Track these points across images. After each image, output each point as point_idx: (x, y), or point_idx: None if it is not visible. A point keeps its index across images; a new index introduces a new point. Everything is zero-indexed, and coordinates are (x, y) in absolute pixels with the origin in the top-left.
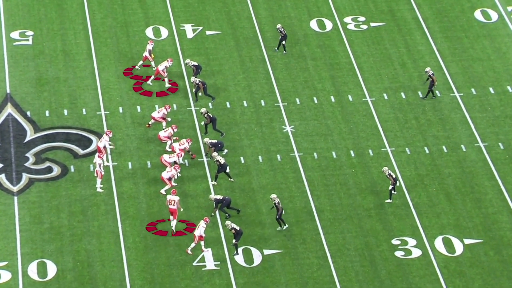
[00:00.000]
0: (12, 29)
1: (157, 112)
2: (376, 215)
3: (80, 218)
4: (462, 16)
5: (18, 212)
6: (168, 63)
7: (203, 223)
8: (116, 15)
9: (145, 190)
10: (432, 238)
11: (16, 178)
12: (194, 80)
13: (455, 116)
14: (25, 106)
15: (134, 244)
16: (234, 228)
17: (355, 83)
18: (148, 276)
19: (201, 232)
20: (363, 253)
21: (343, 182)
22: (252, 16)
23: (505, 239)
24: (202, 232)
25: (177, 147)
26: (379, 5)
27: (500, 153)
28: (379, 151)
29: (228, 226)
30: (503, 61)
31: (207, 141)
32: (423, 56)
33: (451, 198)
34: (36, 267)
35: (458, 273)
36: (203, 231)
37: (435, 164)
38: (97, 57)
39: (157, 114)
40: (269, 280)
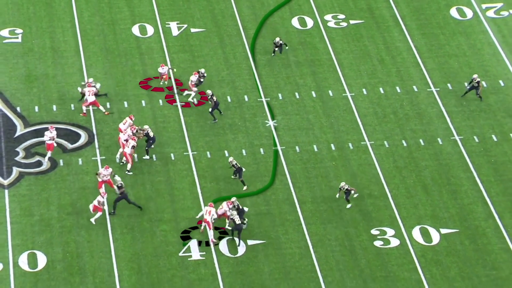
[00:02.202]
0: (2, 27)
1: (123, 123)
2: (356, 206)
3: (69, 211)
4: (438, 14)
5: (9, 205)
6: (194, 76)
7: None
8: (103, 13)
9: (132, 183)
10: (409, 228)
11: (7, 172)
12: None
13: (431, 111)
14: (15, 102)
15: (122, 235)
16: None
17: (335, 79)
18: (135, 266)
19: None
20: (344, 243)
21: (324, 174)
22: (235, 14)
23: (480, 228)
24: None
25: (122, 127)
26: (358, 3)
27: (475, 146)
28: (359, 145)
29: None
30: (478, 57)
31: (232, 160)
32: (401, 52)
33: (428, 190)
34: (26, 258)
35: (435, 261)
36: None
37: (412, 157)
38: (85, 54)
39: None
40: (253, 269)
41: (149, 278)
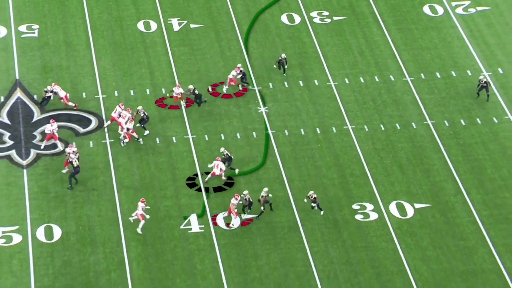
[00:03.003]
0: (20, 23)
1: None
2: (339, 184)
3: (81, 188)
4: (412, 11)
5: (27, 183)
6: (235, 71)
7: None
8: (111, 11)
9: (138, 164)
10: (387, 203)
11: (25, 153)
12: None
13: (406, 98)
14: (32, 90)
15: (129, 210)
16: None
17: (320, 70)
18: (141, 238)
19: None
20: (328, 217)
21: (310, 155)
22: (230, 11)
23: (450, 203)
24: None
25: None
26: (340, 1)
27: (445, 130)
28: (342, 129)
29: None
30: (448, 50)
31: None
32: (379, 45)
33: (403, 169)
34: (43, 230)
35: (409, 233)
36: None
37: (389, 140)
38: (95, 47)
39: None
40: (246, 240)
41: (154, 248)
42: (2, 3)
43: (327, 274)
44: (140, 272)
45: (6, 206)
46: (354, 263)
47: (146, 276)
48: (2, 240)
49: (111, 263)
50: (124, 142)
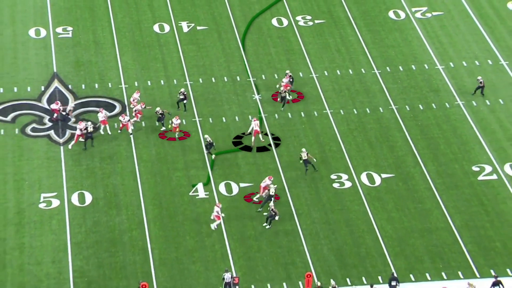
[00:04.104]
0: (57, 26)
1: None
2: (320, 158)
3: (108, 162)
4: (379, 15)
5: (64, 157)
6: (286, 79)
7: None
8: (132, 15)
9: (154, 141)
10: (359, 174)
11: (62, 133)
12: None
13: (375, 87)
14: (67, 81)
15: (147, 179)
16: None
17: (304, 64)
18: (157, 203)
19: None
20: (311, 185)
21: (296, 135)
22: (230, 16)
23: (410, 173)
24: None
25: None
26: (321, 7)
27: (406, 113)
28: (322, 112)
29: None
30: (409, 48)
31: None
32: (353, 44)
33: (372, 145)
34: (77, 196)
35: (377, 198)
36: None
37: (361, 122)
38: (119, 45)
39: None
40: (243, 204)
41: (167, 211)
42: (43, 9)
43: (310, 231)
44: (156, 231)
45: (46, 176)
46: (332, 223)
47: (161, 234)
48: (43, 204)
49: (133, 223)
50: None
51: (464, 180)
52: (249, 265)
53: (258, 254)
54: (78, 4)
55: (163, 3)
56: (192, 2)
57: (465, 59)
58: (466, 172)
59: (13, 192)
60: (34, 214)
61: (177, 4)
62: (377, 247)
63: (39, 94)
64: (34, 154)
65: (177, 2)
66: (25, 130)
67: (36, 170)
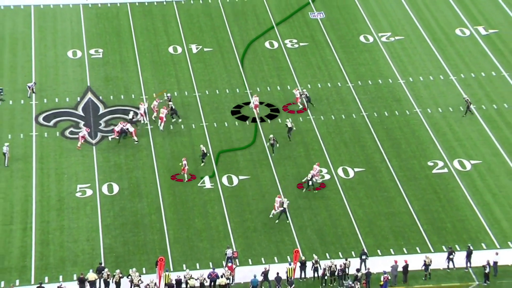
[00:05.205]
0: (90, 48)
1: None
2: (304, 155)
3: (131, 158)
4: (352, 39)
5: (96, 155)
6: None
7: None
8: (151, 39)
9: (169, 142)
10: (336, 168)
11: (94, 135)
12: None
13: (349, 97)
14: (98, 93)
15: (163, 174)
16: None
17: (291, 79)
18: (171, 192)
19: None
20: (297, 178)
21: (285, 136)
22: (231, 40)
23: (378, 167)
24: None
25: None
26: (305, 32)
27: (375, 119)
28: (305, 118)
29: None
30: (377, 66)
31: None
32: (331, 62)
33: (347, 145)
34: (107, 187)
35: (351, 188)
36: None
37: (337, 126)
38: (140, 64)
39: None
40: (242, 193)
41: (180, 198)
42: (79, 35)
43: (296, 215)
44: (171, 215)
45: (82, 170)
46: (314, 208)
47: (175, 218)
48: (79, 193)
49: (152, 209)
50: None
51: (421, 173)
52: (247, 242)
53: (254, 234)
54: (108, 30)
55: (176, 29)
56: (200, 28)
57: (421, 75)
58: (422, 167)
59: (55, 184)
60: (72, 201)
61: (188, 30)
62: (350, 227)
63: (75, 103)
64: (72, 152)
65: (188, 28)
66: (64, 133)
67: (73, 166)
